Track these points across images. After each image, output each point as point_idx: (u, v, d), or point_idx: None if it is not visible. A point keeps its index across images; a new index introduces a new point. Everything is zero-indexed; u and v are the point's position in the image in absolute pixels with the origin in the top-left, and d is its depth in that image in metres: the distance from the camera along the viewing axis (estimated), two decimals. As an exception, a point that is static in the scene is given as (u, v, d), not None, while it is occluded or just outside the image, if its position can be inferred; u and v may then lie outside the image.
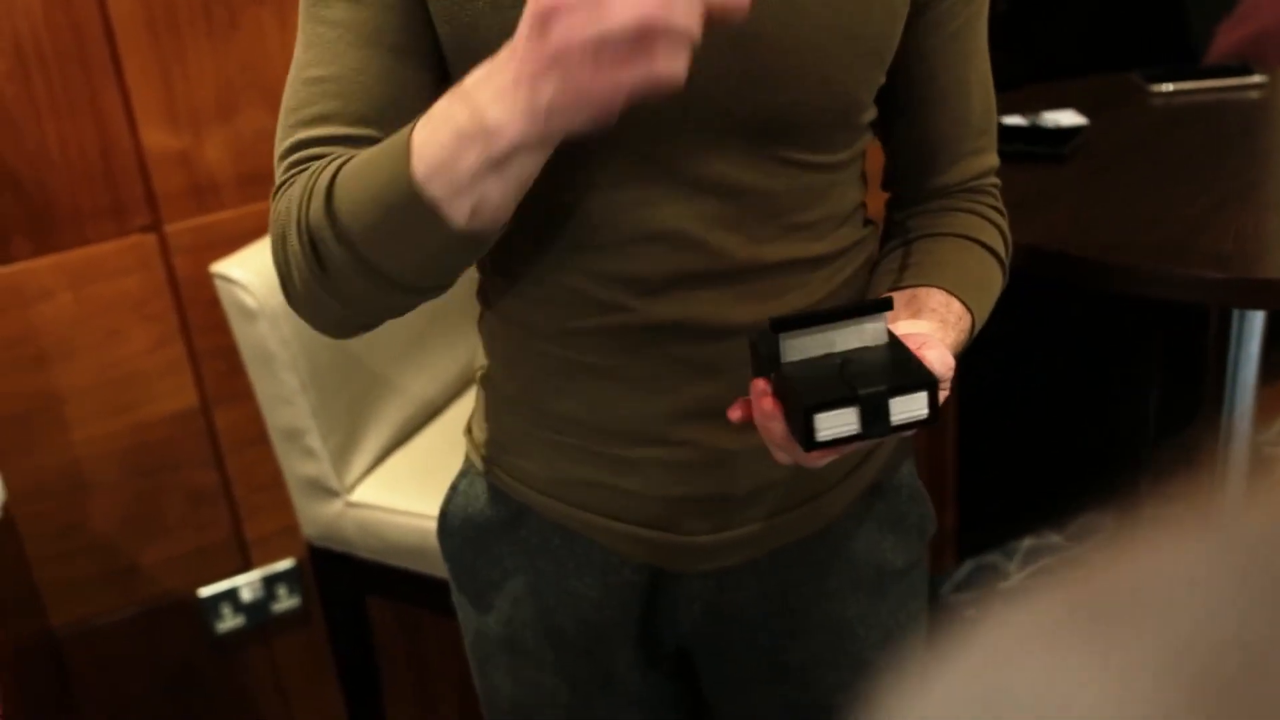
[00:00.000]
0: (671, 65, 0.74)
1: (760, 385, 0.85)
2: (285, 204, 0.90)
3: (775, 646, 1.13)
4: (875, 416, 0.80)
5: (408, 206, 0.82)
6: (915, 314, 0.94)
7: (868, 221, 1.08)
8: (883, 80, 0.98)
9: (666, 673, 1.19)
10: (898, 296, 0.96)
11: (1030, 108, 1.94)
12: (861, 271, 1.06)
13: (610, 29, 0.72)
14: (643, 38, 0.72)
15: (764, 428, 0.85)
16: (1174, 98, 2.03)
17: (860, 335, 0.86)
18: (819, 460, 0.85)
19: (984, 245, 1.04)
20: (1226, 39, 2.24)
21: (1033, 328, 2.35)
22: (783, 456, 0.87)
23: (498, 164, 0.79)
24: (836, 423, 0.80)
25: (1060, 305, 2.17)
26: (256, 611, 2.07)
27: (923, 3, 0.97)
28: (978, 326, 1.00)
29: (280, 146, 0.93)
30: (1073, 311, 2.47)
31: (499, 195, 0.82)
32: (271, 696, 2.15)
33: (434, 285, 0.91)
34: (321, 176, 0.87)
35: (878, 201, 1.11)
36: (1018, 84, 2.03)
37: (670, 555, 1.07)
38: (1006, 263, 1.07)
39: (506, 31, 0.79)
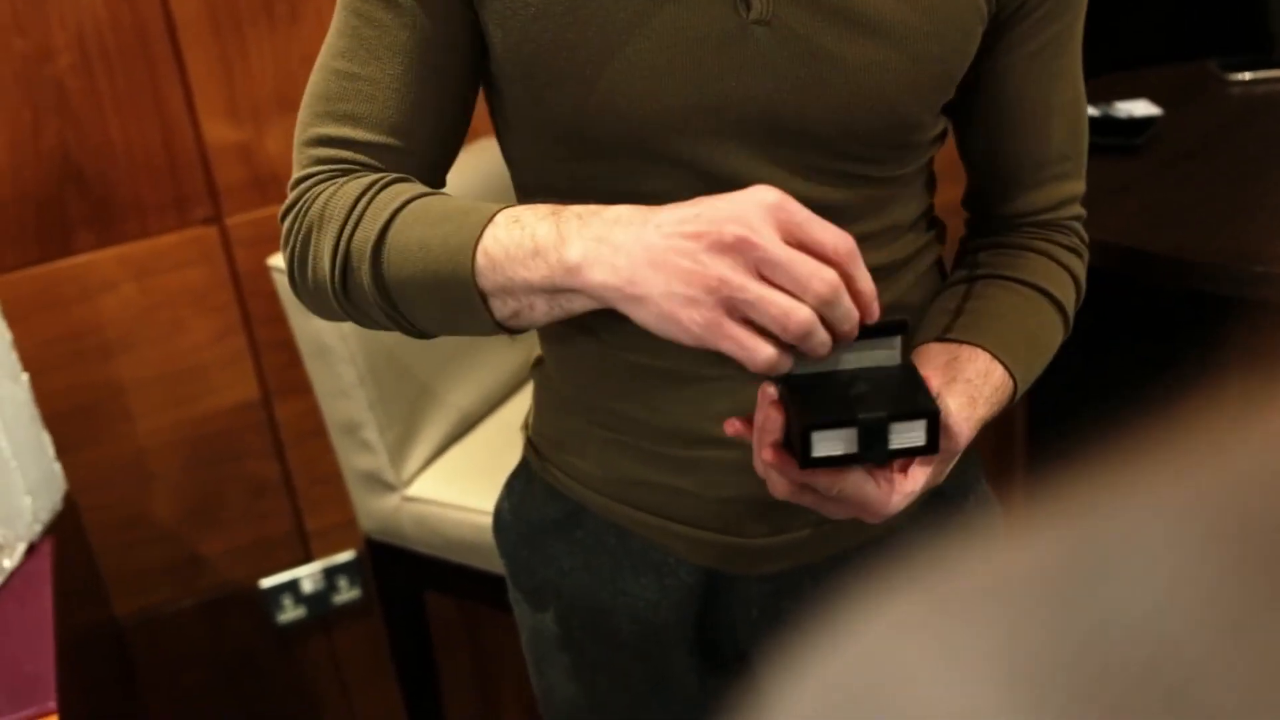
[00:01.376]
0: (777, 361, 0.74)
1: (769, 391, 0.83)
2: (319, 206, 0.89)
3: None
4: (873, 440, 0.80)
5: (456, 286, 0.83)
6: (949, 382, 0.90)
7: (932, 224, 1.05)
8: (950, 97, 0.95)
9: (725, 676, 1.17)
10: (938, 354, 0.93)
11: (1103, 98, 1.89)
12: (925, 278, 1.03)
13: (777, 304, 0.73)
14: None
15: (759, 432, 0.84)
16: (1252, 87, 1.97)
17: (874, 355, 0.84)
18: (785, 484, 0.83)
19: (1049, 296, 1.00)
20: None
21: (1105, 322, 2.30)
22: (759, 467, 0.85)
23: (554, 293, 0.80)
24: (834, 442, 0.80)
25: (1134, 299, 2.12)
26: (317, 603, 2.07)
27: (1003, 20, 0.93)
28: (1021, 390, 0.96)
29: (306, 131, 0.93)
30: (1146, 306, 2.41)
31: (541, 315, 0.83)
32: (332, 687, 2.16)
33: (445, 336, 0.92)
34: (376, 204, 0.87)
35: (950, 193, 1.07)
36: (1093, 73, 1.98)
37: (727, 557, 1.06)
38: (1073, 313, 1.02)
39: (561, 39, 0.83)
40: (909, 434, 0.80)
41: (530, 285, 0.80)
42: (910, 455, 0.82)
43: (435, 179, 0.95)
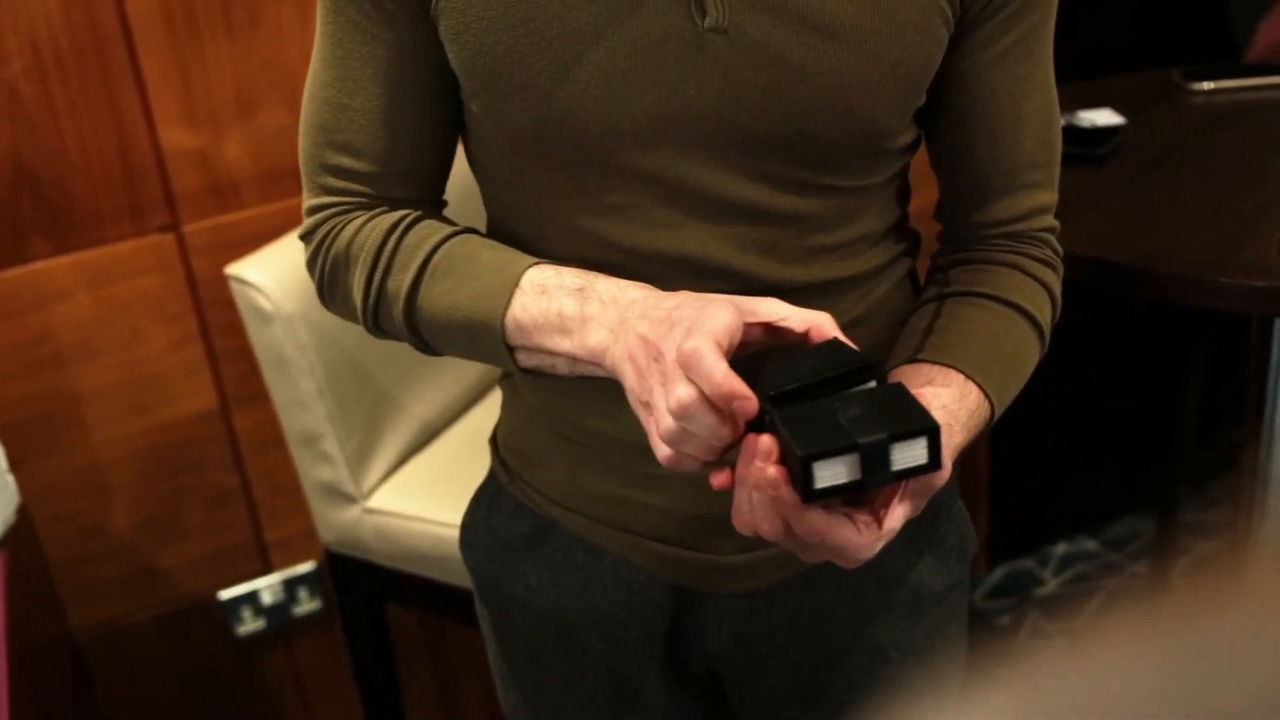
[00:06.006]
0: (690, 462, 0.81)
1: (762, 441, 0.78)
2: (344, 241, 0.96)
3: (807, 670, 1.09)
4: (876, 464, 0.76)
5: (489, 344, 0.91)
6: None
7: (905, 235, 1.03)
8: (920, 102, 0.93)
9: (694, 694, 1.15)
10: (911, 377, 0.91)
11: (1065, 107, 1.87)
12: (897, 290, 1.02)
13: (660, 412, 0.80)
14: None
15: (758, 470, 0.78)
16: (1215, 97, 1.97)
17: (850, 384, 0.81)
18: (780, 524, 0.80)
19: (1023, 312, 0.97)
20: (1268, 36, 2.19)
21: (1068, 330, 2.30)
22: (743, 521, 0.82)
23: (575, 362, 0.88)
24: (835, 471, 0.75)
25: (1097, 307, 2.13)
26: (277, 614, 2.05)
27: (967, 23, 0.91)
28: (999, 411, 0.94)
29: (313, 159, 0.97)
30: (1110, 314, 2.42)
31: (564, 372, 0.91)
32: (293, 699, 2.14)
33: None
34: (402, 252, 0.93)
35: (926, 196, 1.05)
36: (1055, 82, 1.98)
37: (697, 574, 1.05)
38: (1048, 328, 1.00)
39: (514, 50, 0.85)
40: (910, 453, 0.76)
41: (554, 352, 0.88)
42: (913, 475, 0.78)
43: (436, 193, 1.01)
